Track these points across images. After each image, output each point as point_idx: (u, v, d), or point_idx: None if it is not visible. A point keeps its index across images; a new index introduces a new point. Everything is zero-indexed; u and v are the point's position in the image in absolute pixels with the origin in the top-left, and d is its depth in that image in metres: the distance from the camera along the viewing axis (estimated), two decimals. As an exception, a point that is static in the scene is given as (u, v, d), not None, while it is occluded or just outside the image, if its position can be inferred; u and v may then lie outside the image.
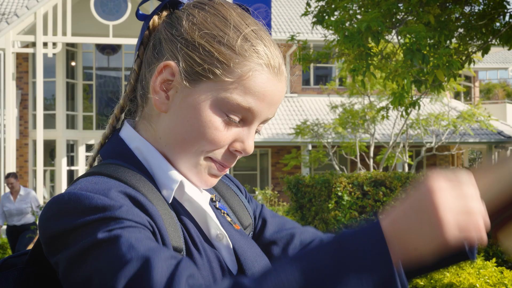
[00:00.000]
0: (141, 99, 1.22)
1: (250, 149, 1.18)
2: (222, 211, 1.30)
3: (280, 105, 24.50)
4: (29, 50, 20.03)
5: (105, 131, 1.27)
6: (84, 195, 1.03)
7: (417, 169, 22.48)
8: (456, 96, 27.03)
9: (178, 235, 1.10)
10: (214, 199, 1.29)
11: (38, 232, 1.09)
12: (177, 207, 1.16)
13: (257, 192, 14.20)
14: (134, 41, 18.05)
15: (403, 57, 6.69)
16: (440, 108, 21.61)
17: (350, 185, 7.25)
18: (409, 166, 18.89)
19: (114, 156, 1.19)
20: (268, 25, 15.14)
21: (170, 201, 1.14)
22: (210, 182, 1.20)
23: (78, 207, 1.01)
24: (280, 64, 1.17)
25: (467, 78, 28.40)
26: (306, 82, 24.84)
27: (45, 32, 18.75)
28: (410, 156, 20.11)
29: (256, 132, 1.20)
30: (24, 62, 21.62)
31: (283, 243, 1.37)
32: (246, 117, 1.15)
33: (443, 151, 22.01)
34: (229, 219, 1.29)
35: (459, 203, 0.92)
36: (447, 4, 7.85)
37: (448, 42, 8.19)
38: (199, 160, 1.16)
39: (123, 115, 1.29)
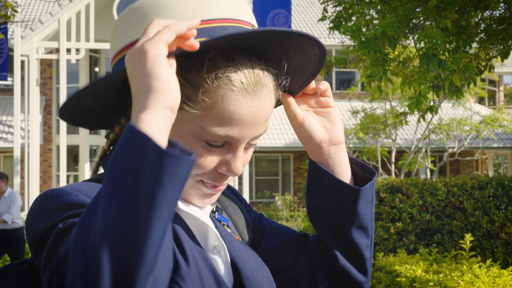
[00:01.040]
0: None
1: (238, 170, 1.16)
2: (222, 222, 1.30)
3: (302, 110, 24.45)
4: (53, 56, 20.26)
5: (103, 145, 1.27)
6: (64, 192, 1.07)
7: (440, 174, 22.27)
8: (481, 100, 26.74)
9: None
10: (214, 210, 1.30)
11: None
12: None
13: (276, 198, 14.18)
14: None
15: (419, 63, 6.65)
16: (463, 113, 21.41)
17: (366, 191, 7.21)
18: (431, 171, 18.72)
19: None
20: (288, 31, 15.10)
21: None
22: (207, 201, 1.20)
23: (57, 204, 1.05)
24: (256, 81, 1.11)
25: (491, 83, 28.09)
26: (328, 87, 24.77)
27: (68, 38, 18.97)
28: (432, 161, 19.94)
29: (250, 146, 1.19)
30: (48, 68, 21.87)
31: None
32: (228, 142, 1.13)
33: (466, 156, 21.77)
34: (229, 230, 1.29)
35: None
36: (467, 9, 7.78)
37: (467, 47, 8.11)
38: (191, 183, 1.16)
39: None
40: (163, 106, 0.90)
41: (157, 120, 0.89)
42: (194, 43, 0.97)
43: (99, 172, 1.28)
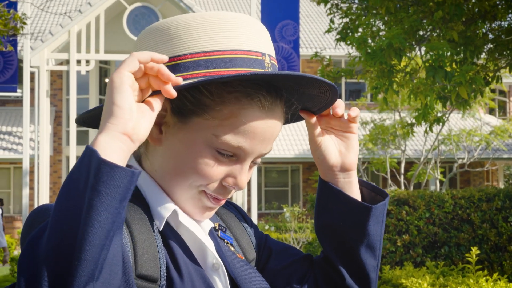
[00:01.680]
0: None
1: (243, 184, 1.18)
2: (226, 240, 1.30)
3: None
4: (63, 68, 20.37)
5: None
6: (52, 207, 1.08)
7: (450, 185, 22.14)
8: (491, 111, 26.61)
9: (155, 264, 1.11)
10: (217, 228, 1.30)
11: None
12: (169, 235, 1.17)
13: (285, 209, 14.14)
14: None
15: (425, 74, 6.63)
16: (472, 124, 21.31)
17: (373, 203, 7.17)
18: (441, 182, 18.63)
19: None
20: (296, 42, 15.13)
21: (160, 229, 1.15)
22: (207, 215, 1.21)
23: (45, 218, 1.06)
24: (273, 99, 1.15)
25: (502, 93, 27.98)
26: (337, 97, 24.73)
27: (78, 50, 19.08)
28: (442, 172, 19.84)
29: (254, 165, 1.21)
30: (58, 79, 21.99)
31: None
32: (238, 154, 1.16)
33: (476, 167, 21.65)
34: (232, 249, 1.30)
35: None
36: (475, 20, 7.75)
37: (475, 58, 8.08)
38: (193, 194, 1.17)
39: None
40: (119, 131, 0.96)
41: (111, 141, 0.95)
42: (170, 90, 1.01)
43: None
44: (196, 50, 1.12)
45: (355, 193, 1.30)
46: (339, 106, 1.25)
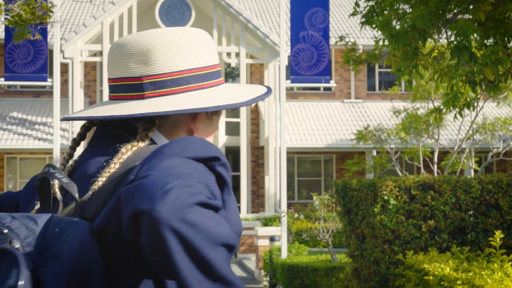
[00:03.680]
0: None
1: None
2: None
3: (344, 111, 24.27)
4: (96, 59, 20.58)
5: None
6: None
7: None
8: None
9: None
10: None
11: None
12: None
13: (314, 198, 14.04)
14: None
15: (450, 55, 6.47)
16: (508, 112, 20.86)
17: (397, 188, 7.04)
18: (475, 171, 18.29)
19: None
20: (326, 30, 14.97)
21: None
22: None
23: None
24: None
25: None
26: (371, 87, 24.48)
27: (111, 41, 19.23)
28: (476, 162, 19.48)
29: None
30: (92, 70, 22.22)
31: None
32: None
33: (513, 156, 21.20)
34: None
35: None
36: (503, 1, 7.54)
37: (506, 41, 7.87)
38: None
39: None
40: None
41: None
42: None
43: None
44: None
45: None
46: None
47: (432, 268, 5.75)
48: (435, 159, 16.92)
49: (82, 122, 1.51)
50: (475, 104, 8.01)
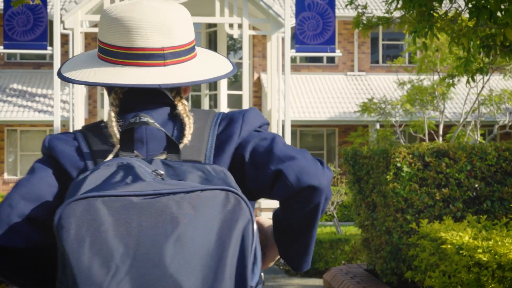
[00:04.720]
0: None
1: None
2: None
3: (347, 84, 24.00)
4: (97, 30, 20.22)
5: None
6: None
7: (491, 149, 21.50)
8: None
9: None
10: None
11: None
12: None
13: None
14: (197, 19, 17.94)
15: (468, 15, 6.20)
16: (515, 84, 20.60)
17: (410, 155, 6.83)
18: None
19: None
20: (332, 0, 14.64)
21: None
22: None
23: None
24: None
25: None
26: (375, 61, 24.17)
27: (111, 12, 18.88)
28: (482, 135, 19.27)
29: None
30: (93, 42, 21.89)
31: None
32: None
33: (519, 129, 20.97)
34: None
35: None
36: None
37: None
38: None
39: None
40: None
41: None
42: None
43: None
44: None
45: None
46: None
47: (450, 236, 5.55)
48: (440, 132, 16.71)
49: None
50: (493, 79, 7.74)
